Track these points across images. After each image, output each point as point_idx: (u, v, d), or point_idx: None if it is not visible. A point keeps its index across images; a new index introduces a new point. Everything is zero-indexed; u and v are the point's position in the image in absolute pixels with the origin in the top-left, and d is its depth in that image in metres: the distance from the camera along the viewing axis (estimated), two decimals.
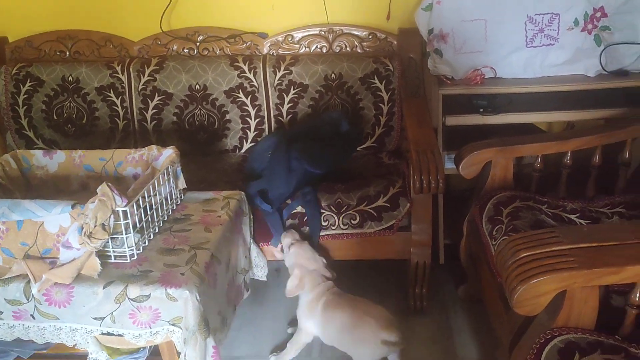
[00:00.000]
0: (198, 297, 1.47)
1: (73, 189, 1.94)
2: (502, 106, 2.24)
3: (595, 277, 1.21)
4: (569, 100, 2.27)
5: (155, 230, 1.73)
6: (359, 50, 2.51)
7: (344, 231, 2.08)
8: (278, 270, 2.49)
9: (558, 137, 2.03)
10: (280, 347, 2.00)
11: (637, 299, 1.26)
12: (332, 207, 2.07)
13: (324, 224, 2.07)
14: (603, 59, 2.25)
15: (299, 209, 2.07)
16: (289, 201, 2.07)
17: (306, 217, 2.06)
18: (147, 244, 1.66)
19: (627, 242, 1.26)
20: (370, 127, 2.46)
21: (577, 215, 1.80)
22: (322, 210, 2.07)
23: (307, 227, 2.07)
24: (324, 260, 1.96)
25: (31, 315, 1.52)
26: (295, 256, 1.94)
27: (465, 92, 2.25)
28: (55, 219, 1.52)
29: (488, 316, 1.87)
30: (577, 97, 2.28)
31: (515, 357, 1.39)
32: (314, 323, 1.87)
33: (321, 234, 2.08)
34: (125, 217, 1.54)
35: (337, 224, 2.07)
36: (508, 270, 1.28)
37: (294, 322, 2.01)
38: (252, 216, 2.04)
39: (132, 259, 1.58)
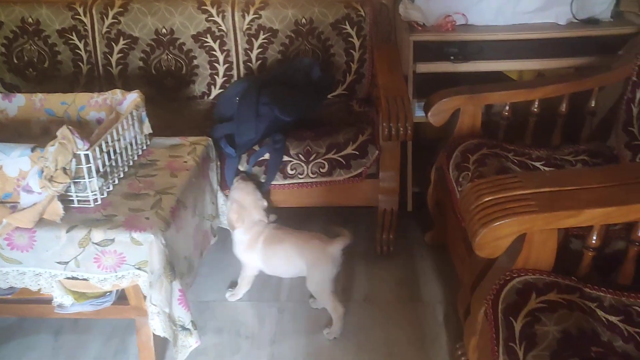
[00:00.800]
0: (163, 241, 1.46)
1: (34, 134, 1.89)
2: (473, 54, 2.23)
3: (553, 220, 1.23)
4: (539, 49, 2.26)
5: (120, 175, 1.70)
6: None
7: (313, 179, 2.08)
8: None
9: (526, 85, 2.04)
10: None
11: (593, 242, 1.29)
12: (300, 156, 2.06)
13: (291, 172, 2.06)
14: (574, 6, 2.23)
15: (267, 156, 2.05)
16: (256, 147, 2.05)
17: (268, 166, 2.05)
18: (111, 188, 1.64)
19: (586, 187, 1.28)
20: (341, 74, 2.43)
21: (542, 162, 1.83)
22: (290, 159, 2.06)
23: (265, 175, 2.06)
24: (265, 204, 1.98)
25: None
26: (236, 191, 1.96)
27: (436, 38, 2.22)
28: (14, 162, 1.49)
29: (452, 260, 1.91)
30: (548, 46, 2.27)
31: (476, 298, 1.42)
32: (257, 258, 1.93)
33: (290, 182, 2.08)
34: (88, 161, 1.51)
35: (305, 172, 2.06)
36: (471, 214, 1.29)
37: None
38: (219, 163, 2.02)
39: (95, 203, 1.56)
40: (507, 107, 1.97)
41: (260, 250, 1.92)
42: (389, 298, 2.01)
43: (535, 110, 1.96)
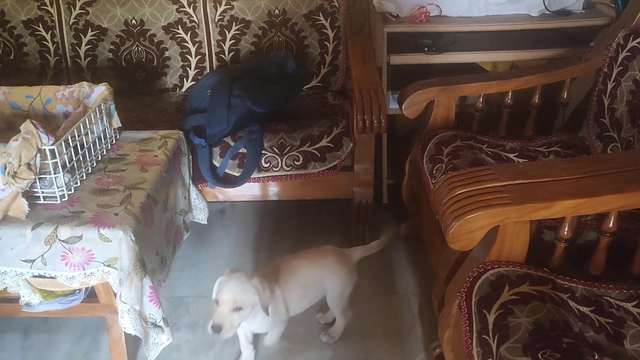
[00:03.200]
0: (133, 238, 1.43)
1: None
2: (447, 45, 2.22)
3: (526, 212, 1.23)
4: (512, 40, 2.27)
5: (87, 170, 1.66)
6: None
7: (288, 172, 2.06)
8: (222, 212, 2.47)
9: (499, 77, 2.03)
10: None
11: (565, 233, 1.30)
12: (275, 149, 2.03)
13: (265, 165, 2.04)
14: None
15: (243, 150, 2.03)
16: (231, 142, 2.02)
17: (245, 159, 2.02)
18: (79, 184, 1.60)
19: (558, 179, 1.28)
20: (315, 66, 2.41)
21: (516, 154, 1.83)
22: (264, 152, 2.03)
23: (241, 169, 2.03)
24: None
25: None
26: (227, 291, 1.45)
27: (410, 29, 2.21)
28: None
29: (427, 252, 1.91)
30: (521, 37, 2.28)
31: (450, 290, 1.42)
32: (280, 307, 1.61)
33: (264, 175, 2.06)
34: (53, 156, 1.46)
35: (280, 165, 2.04)
36: (444, 206, 1.29)
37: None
38: (190, 157, 1.99)
39: (62, 199, 1.52)
40: (481, 99, 1.97)
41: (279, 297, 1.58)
42: (365, 291, 2.00)
43: (509, 102, 1.96)
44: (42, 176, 1.48)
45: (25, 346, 1.82)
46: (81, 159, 1.62)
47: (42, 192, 1.50)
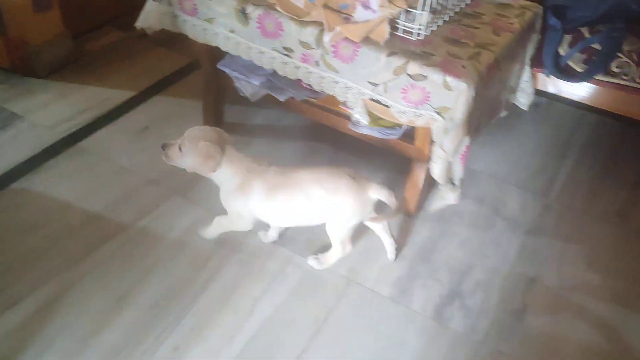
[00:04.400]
0: (473, 93, 1.43)
1: None
2: None
3: None
4: None
5: (445, 18, 1.67)
6: None
7: (638, 85, 1.83)
8: (537, 106, 2.35)
9: None
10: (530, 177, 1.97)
11: None
12: (633, 55, 1.80)
13: (616, 70, 1.83)
14: None
15: (596, 45, 1.84)
16: (586, 34, 1.84)
17: (594, 56, 1.83)
18: (435, 28, 1.62)
19: None
20: None
21: None
22: (619, 55, 1.82)
23: (586, 66, 1.85)
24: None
25: (316, 62, 1.63)
26: (194, 131, 1.54)
27: None
28: None
29: None
30: None
31: None
32: (256, 206, 1.56)
33: (609, 80, 1.86)
34: None
35: (632, 75, 1.81)
36: None
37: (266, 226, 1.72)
38: (540, 37, 1.87)
39: (417, 37, 1.57)
40: None
41: (260, 196, 1.54)
42: None
43: None
44: (409, 9, 1.54)
45: (334, 159, 2.05)
46: (444, 3, 1.63)
47: (404, 25, 1.57)
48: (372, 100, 1.61)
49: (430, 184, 1.77)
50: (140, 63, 2.48)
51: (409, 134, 1.73)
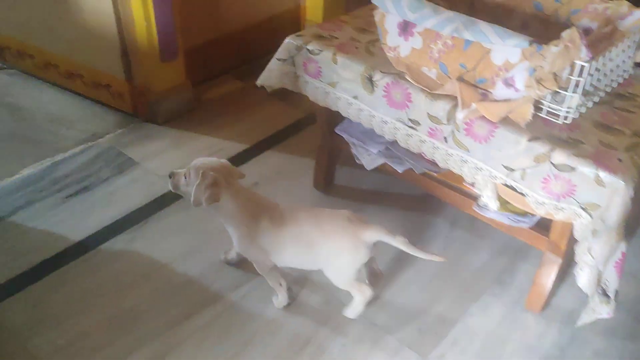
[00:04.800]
0: (632, 194, 1.24)
1: (512, 25, 1.78)
2: None
3: None
4: None
5: (595, 99, 1.49)
6: None
7: None
8: None
9: None
10: None
11: None
12: None
13: None
14: None
15: None
16: None
17: None
18: (584, 111, 1.45)
19: None
20: None
21: None
22: None
23: None
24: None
25: (444, 137, 1.49)
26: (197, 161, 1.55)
27: None
28: (504, 50, 1.39)
29: None
30: None
31: None
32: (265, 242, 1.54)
33: None
34: (580, 74, 1.32)
35: None
36: None
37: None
38: None
39: (564, 121, 1.40)
40: None
41: (265, 232, 1.53)
42: None
43: None
44: (558, 91, 1.38)
45: (449, 237, 1.89)
46: (596, 85, 1.45)
47: (548, 107, 1.41)
48: (506, 185, 1.45)
49: (560, 277, 1.56)
50: (255, 114, 2.47)
51: (544, 224, 1.55)
